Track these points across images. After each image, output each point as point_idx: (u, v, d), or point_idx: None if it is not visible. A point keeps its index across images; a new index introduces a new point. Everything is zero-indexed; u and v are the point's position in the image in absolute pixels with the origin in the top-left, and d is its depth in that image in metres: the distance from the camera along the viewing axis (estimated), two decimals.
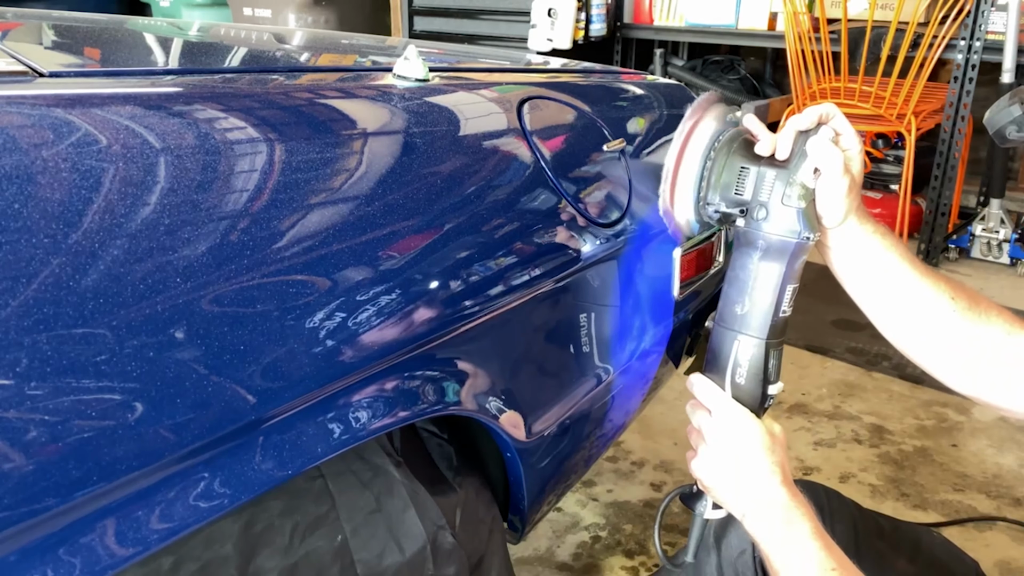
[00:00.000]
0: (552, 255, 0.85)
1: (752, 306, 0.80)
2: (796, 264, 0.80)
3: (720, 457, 0.80)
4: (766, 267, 0.79)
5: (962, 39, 2.97)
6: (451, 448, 0.88)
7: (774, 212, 0.78)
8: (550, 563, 1.55)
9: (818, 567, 0.71)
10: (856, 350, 2.46)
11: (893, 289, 0.82)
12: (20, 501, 0.44)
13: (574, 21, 3.60)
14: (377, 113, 0.78)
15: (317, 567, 0.70)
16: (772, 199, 0.78)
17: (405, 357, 0.69)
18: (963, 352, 0.80)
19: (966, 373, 0.81)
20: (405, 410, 0.69)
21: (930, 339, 0.82)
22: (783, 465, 0.78)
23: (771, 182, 0.78)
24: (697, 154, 0.85)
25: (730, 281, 0.82)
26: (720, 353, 0.82)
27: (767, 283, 0.79)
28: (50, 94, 0.58)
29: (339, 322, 0.61)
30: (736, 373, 0.81)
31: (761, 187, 0.79)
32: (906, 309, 0.82)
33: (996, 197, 3.16)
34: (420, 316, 0.69)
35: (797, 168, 0.77)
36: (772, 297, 0.79)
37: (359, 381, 0.65)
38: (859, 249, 0.82)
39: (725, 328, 0.82)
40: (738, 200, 0.81)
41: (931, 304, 0.81)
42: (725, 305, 0.82)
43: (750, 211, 0.80)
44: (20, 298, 0.45)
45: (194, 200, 0.55)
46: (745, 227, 0.80)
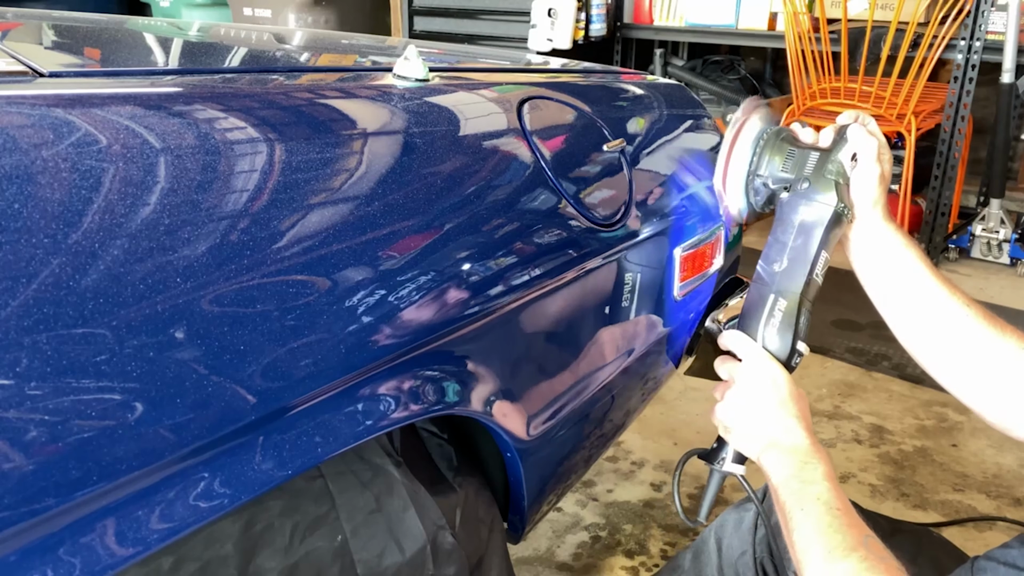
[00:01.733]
0: (552, 255, 0.85)
1: (789, 264, 0.88)
2: (831, 235, 0.87)
3: (747, 397, 0.84)
4: (804, 230, 0.87)
5: (962, 39, 2.97)
6: (451, 448, 0.88)
7: (815, 183, 0.87)
8: (550, 563, 1.55)
9: (825, 506, 0.73)
10: (856, 350, 2.45)
11: (909, 288, 0.87)
12: (20, 501, 0.44)
13: (574, 21, 3.60)
14: (377, 113, 0.78)
15: (317, 567, 0.70)
16: (815, 174, 0.88)
17: (405, 357, 0.69)
18: (972, 361, 0.83)
19: (973, 383, 0.83)
20: (405, 410, 0.69)
21: (941, 343, 0.85)
22: (806, 415, 0.81)
23: (814, 161, 0.89)
24: (748, 141, 0.96)
25: (770, 244, 0.90)
26: (756, 307, 0.89)
27: (804, 245, 0.87)
28: (50, 94, 0.58)
29: (338, 322, 0.61)
30: (769, 324, 0.87)
31: (805, 165, 0.89)
32: (920, 310, 0.86)
33: (996, 197, 3.16)
34: (420, 316, 0.69)
35: (838, 151, 0.88)
36: (808, 257, 0.87)
37: (359, 381, 0.65)
38: (881, 244, 0.88)
39: (762, 284, 0.89)
40: (784, 177, 0.91)
41: (945, 308, 0.84)
42: (765, 264, 0.90)
43: (794, 185, 0.89)
44: (20, 298, 0.45)
45: (194, 200, 0.55)
46: (789, 197, 0.89)
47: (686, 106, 1.28)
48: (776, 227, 0.90)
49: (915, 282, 0.86)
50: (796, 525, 0.73)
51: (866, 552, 0.69)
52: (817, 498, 0.73)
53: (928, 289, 0.86)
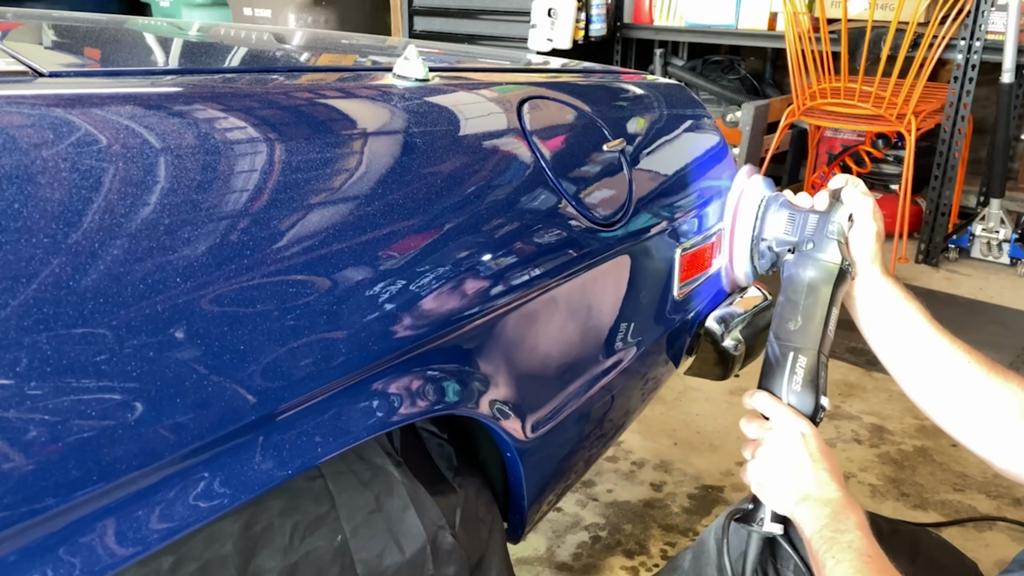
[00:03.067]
0: (552, 255, 0.85)
1: (804, 322, 0.92)
2: (839, 291, 0.92)
3: (778, 453, 0.85)
4: (814, 289, 0.92)
5: (962, 39, 2.97)
6: (451, 448, 0.88)
7: (819, 243, 0.93)
8: (550, 563, 1.55)
9: (857, 554, 0.74)
10: (856, 350, 2.45)
11: (910, 341, 0.91)
12: (20, 501, 0.44)
13: (574, 21, 3.60)
14: (377, 113, 0.78)
15: (317, 567, 0.70)
16: (817, 234, 0.94)
17: (405, 357, 0.69)
18: (977, 410, 0.85)
19: (979, 431, 0.86)
20: (405, 410, 0.69)
21: (945, 394, 0.89)
22: (837, 470, 0.83)
23: (815, 222, 0.95)
24: (751, 209, 1.04)
25: (782, 304, 0.94)
26: (777, 366, 0.92)
27: (816, 302, 0.92)
28: (50, 94, 0.58)
29: (338, 322, 0.61)
30: (792, 382, 0.90)
31: (807, 226, 0.96)
32: (923, 362, 0.90)
33: (996, 197, 3.16)
34: (419, 316, 0.69)
35: (835, 212, 0.94)
36: (822, 312, 0.91)
37: (359, 381, 0.65)
38: (881, 299, 0.93)
39: (781, 343, 0.93)
40: (788, 240, 0.98)
41: (946, 358, 0.88)
42: (780, 324, 0.93)
43: (798, 246, 0.95)
44: (20, 298, 0.45)
45: (194, 200, 0.55)
46: (796, 257, 0.95)
47: (686, 106, 1.28)
48: (786, 288, 0.95)
49: (916, 334, 0.90)
50: (828, 573, 0.74)
51: None
52: (849, 546, 0.74)
53: (928, 341, 0.90)
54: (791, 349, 0.91)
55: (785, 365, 0.91)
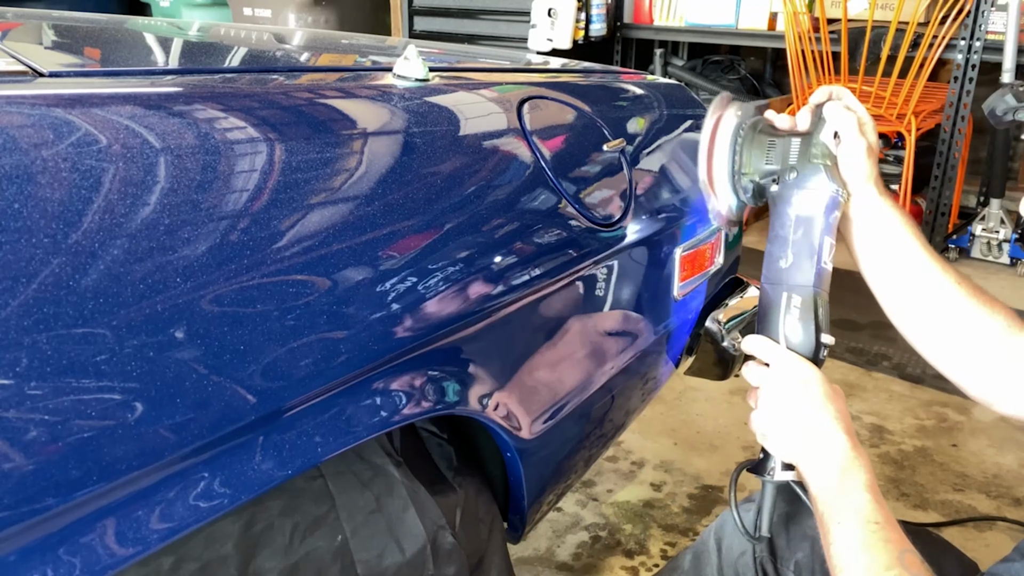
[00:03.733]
0: (552, 255, 0.85)
1: (795, 257, 0.85)
2: (830, 218, 0.85)
3: (781, 403, 0.81)
4: (803, 221, 0.85)
5: (962, 39, 2.97)
6: (451, 448, 0.88)
7: (803, 170, 0.86)
8: (550, 563, 1.55)
9: (863, 520, 0.72)
10: (856, 350, 2.45)
11: (904, 265, 0.87)
12: (20, 501, 0.44)
13: (574, 21, 3.60)
14: (377, 113, 0.78)
15: (317, 567, 0.70)
16: (800, 161, 0.87)
17: (406, 357, 0.69)
18: (962, 339, 0.84)
19: (963, 362, 0.85)
20: (405, 410, 0.69)
21: (932, 320, 0.86)
22: (844, 414, 0.79)
23: (796, 148, 0.87)
24: (726, 139, 0.95)
25: (771, 240, 0.88)
26: (771, 309, 0.86)
27: (806, 235, 0.85)
28: (50, 94, 0.58)
29: (338, 322, 0.61)
30: (788, 322, 0.85)
31: (788, 154, 0.88)
32: (914, 286, 0.86)
33: (996, 197, 3.16)
34: (420, 316, 0.69)
35: (818, 131, 0.87)
36: (813, 246, 0.85)
37: (359, 381, 0.65)
38: (876, 220, 0.88)
39: (772, 284, 0.87)
40: (769, 170, 0.90)
41: (937, 284, 0.85)
42: (769, 263, 0.87)
43: (781, 176, 0.88)
44: (20, 298, 0.45)
45: (194, 200, 0.55)
46: (780, 189, 0.88)
47: (686, 106, 1.28)
48: (773, 222, 0.88)
49: (909, 259, 0.87)
50: (833, 539, 0.72)
51: (902, 570, 0.68)
52: (856, 510, 0.72)
53: (922, 266, 0.86)
54: (784, 288, 0.85)
55: (779, 306, 0.85)
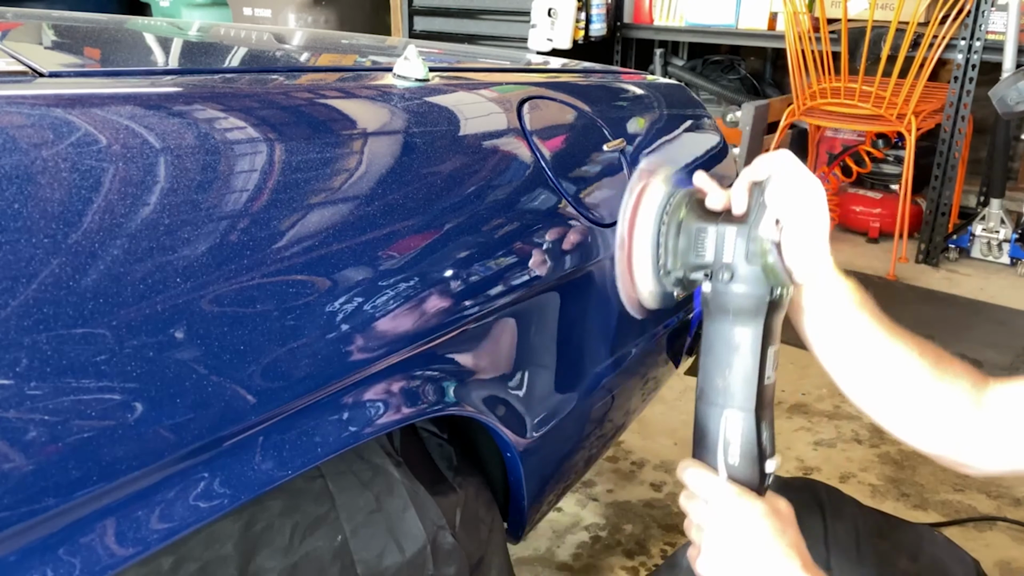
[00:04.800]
0: (552, 255, 0.85)
1: (734, 375, 0.74)
2: (773, 324, 0.75)
3: (727, 548, 0.72)
4: (741, 331, 0.74)
5: (962, 39, 2.97)
6: (451, 448, 0.88)
7: (740, 271, 0.74)
8: (550, 563, 1.55)
9: None
10: None
11: (862, 349, 0.78)
12: (20, 501, 0.44)
13: (574, 21, 3.60)
14: (377, 113, 0.78)
15: (317, 567, 0.70)
16: (736, 258, 0.74)
17: (405, 357, 0.69)
18: (929, 412, 0.77)
19: (932, 432, 0.78)
20: (405, 410, 0.69)
21: (897, 399, 0.79)
22: (799, 547, 0.71)
23: (732, 240, 0.75)
24: (649, 221, 0.83)
25: (706, 351, 0.77)
26: (707, 433, 0.76)
27: (746, 348, 0.74)
28: (50, 94, 0.58)
29: (338, 322, 0.61)
30: (728, 453, 0.74)
31: (723, 247, 0.75)
32: (875, 369, 0.78)
33: (996, 197, 3.16)
34: (420, 316, 0.69)
35: (757, 222, 0.74)
36: (754, 362, 0.74)
37: (359, 381, 0.65)
38: (829, 306, 0.78)
39: (709, 404, 0.76)
40: (700, 264, 0.78)
41: (900, 363, 0.77)
42: (705, 379, 0.76)
43: (715, 274, 0.76)
44: (20, 298, 0.45)
45: (194, 200, 0.55)
46: (712, 291, 0.76)
47: (686, 106, 1.28)
48: (707, 329, 0.77)
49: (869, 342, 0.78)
50: None
51: None
52: None
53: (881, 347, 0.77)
54: (722, 410, 0.74)
55: (718, 431, 0.75)
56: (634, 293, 0.89)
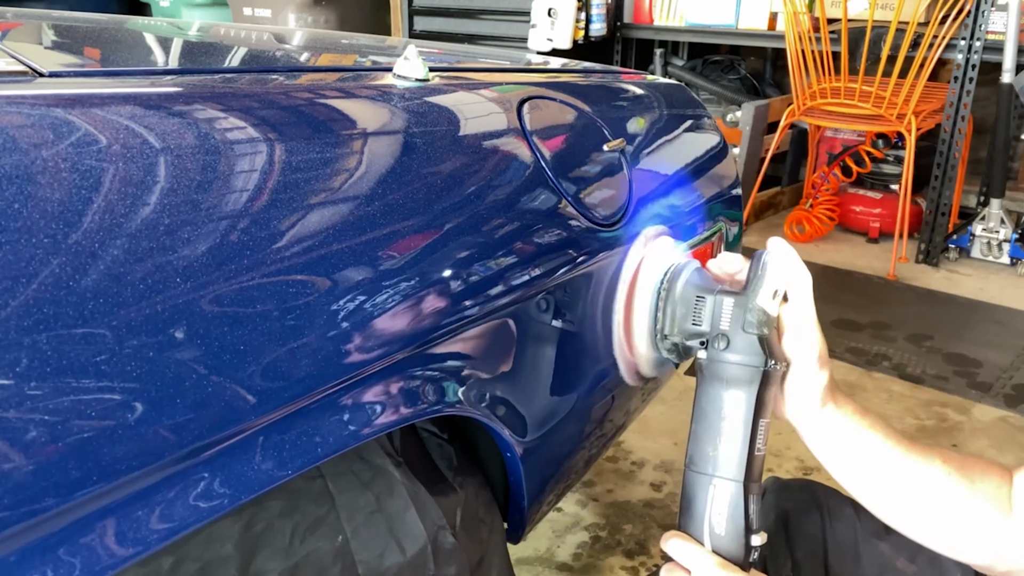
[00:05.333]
0: (552, 255, 0.85)
1: (724, 444, 0.74)
2: (766, 396, 0.75)
3: None
4: (734, 399, 0.74)
5: (962, 39, 2.97)
6: (451, 448, 0.88)
7: (736, 340, 0.75)
8: (550, 563, 1.55)
9: None
10: (856, 350, 2.45)
11: (884, 471, 0.77)
12: (20, 501, 0.44)
13: (574, 21, 3.60)
14: (377, 113, 0.78)
15: (318, 567, 0.70)
16: (732, 327, 0.75)
17: (405, 357, 0.69)
18: (963, 520, 0.77)
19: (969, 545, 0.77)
20: (405, 410, 0.69)
21: (932, 514, 0.78)
22: None
23: (729, 309, 0.76)
24: (648, 291, 0.85)
25: (698, 419, 0.77)
26: (695, 501, 0.75)
27: (738, 417, 0.74)
28: (50, 94, 0.58)
29: (338, 322, 0.61)
30: (714, 523, 0.74)
31: (720, 316, 0.77)
32: (902, 490, 0.78)
33: (996, 197, 3.16)
34: (420, 316, 0.69)
35: (756, 292, 0.75)
36: (745, 432, 0.74)
37: (359, 381, 0.65)
38: (842, 435, 0.77)
39: (698, 472, 0.75)
40: (697, 332, 0.79)
41: (925, 478, 0.76)
42: (695, 446, 0.76)
43: (711, 342, 0.77)
44: (20, 298, 0.45)
45: (194, 200, 0.55)
46: (708, 359, 0.77)
47: (686, 106, 1.28)
48: (699, 397, 0.77)
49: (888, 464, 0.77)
50: None
51: None
52: None
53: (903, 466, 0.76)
54: (711, 479, 0.74)
55: (705, 501, 0.74)
56: (632, 359, 0.90)
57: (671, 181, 1.11)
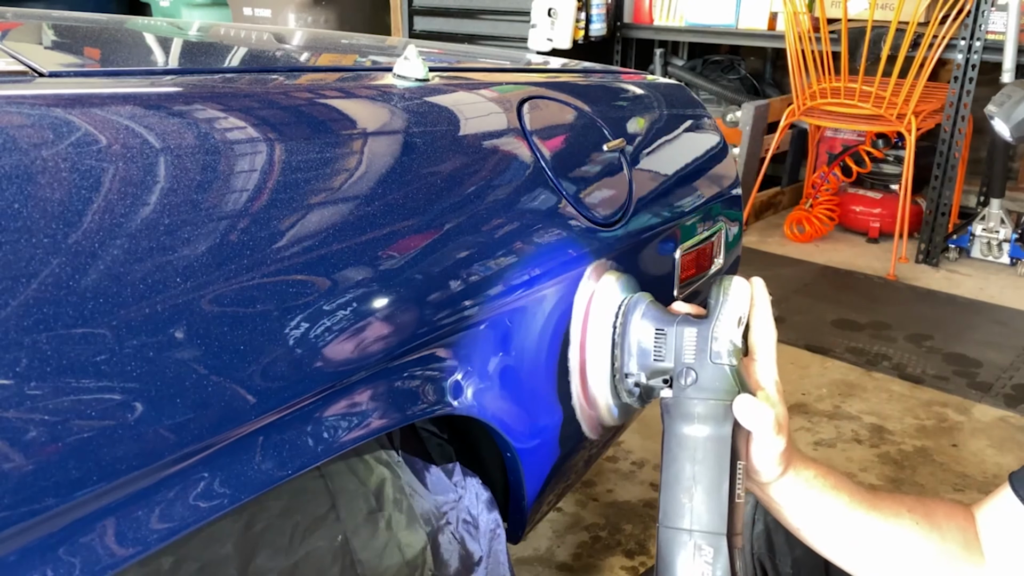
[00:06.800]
0: (552, 255, 0.85)
1: (701, 492, 0.66)
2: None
3: None
4: (708, 440, 0.67)
5: (962, 39, 2.97)
6: (451, 448, 0.88)
7: (703, 373, 0.68)
8: (550, 563, 1.55)
9: None
10: (856, 350, 2.45)
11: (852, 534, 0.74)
12: (20, 501, 0.44)
13: (574, 21, 3.61)
14: (377, 113, 0.78)
15: (317, 567, 0.70)
16: (698, 359, 0.68)
17: (405, 357, 0.69)
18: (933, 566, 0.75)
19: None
20: (405, 410, 0.69)
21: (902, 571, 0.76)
22: None
23: (693, 340, 0.69)
24: (604, 327, 0.76)
25: (668, 465, 0.69)
26: (672, 563, 0.66)
27: (713, 460, 0.66)
28: (50, 94, 0.58)
29: (339, 322, 0.61)
30: None
31: (683, 348, 0.70)
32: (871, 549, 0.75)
33: (996, 197, 3.16)
34: (420, 316, 0.69)
35: (719, 319, 0.69)
36: (723, 476, 0.66)
37: (360, 381, 0.65)
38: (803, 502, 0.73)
39: (673, 528, 0.67)
40: (660, 368, 0.72)
41: (895, 536, 0.74)
42: (668, 500, 0.68)
43: (676, 379, 0.70)
44: (20, 298, 0.45)
45: (194, 200, 0.55)
46: (674, 397, 0.69)
47: (686, 106, 1.28)
48: (668, 442, 0.70)
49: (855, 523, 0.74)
50: None
51: None
52: None
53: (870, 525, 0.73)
54: (688, 536, 0.66)
55: (687, 559, 0.65)
56: (591, 409, 0.82)
57: (671, 181, 1.11)
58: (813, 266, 3.15)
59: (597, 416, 0.81)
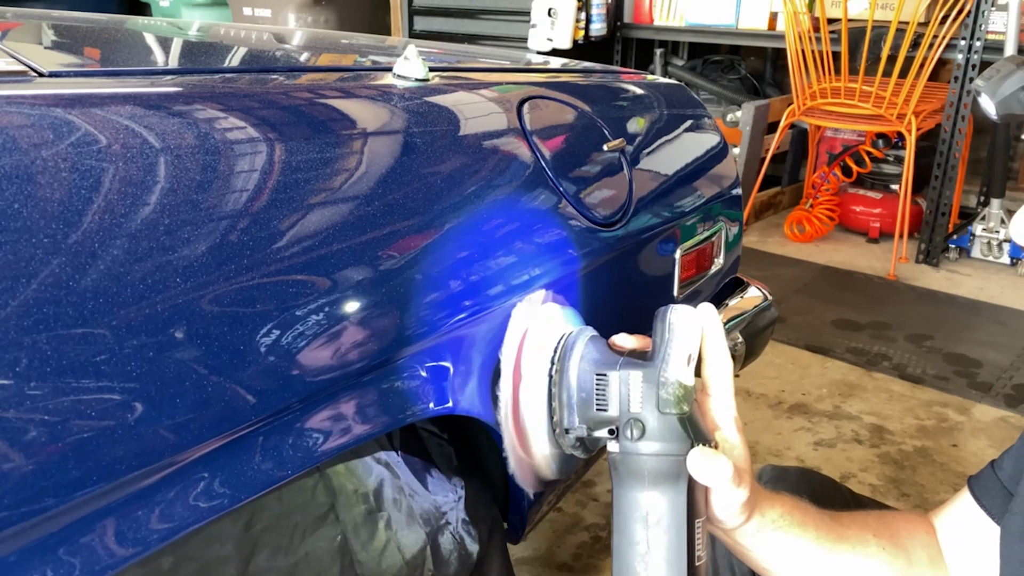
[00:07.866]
0: (552, 255, 0.85)
1: (656, 560, 0.59)
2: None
3: None
4: (660, 501, 0.59)
5: (962, 39, 2.97)
6: (451, 448, 0.88)
7: (651, 425, 0.60)
8: (550, 563, 1.55)
9: None
10: (856, 350, 2.45)
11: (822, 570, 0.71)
12: (20, 501, 0.44)
13: (574, 21, 3.61)
14: (377, 113, 0.78)
15: (317, 567, 0.70)
16: (645, 408, 0.60)
17: (405, 357, 0.69)
18: None
19: None
20: (406, 410, 0.69)
21: None
22: None
23: (639, 386, 0.60)
24: (539, 369, 0.67)
25: (619, 529, 0.61)
26: None
27: (667, 522, 0.59)
28: (50, 94, 0.58)
29: (339, 321, 0.61)
30: None
31: (628, 396, 0.61)
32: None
33: (996, 197, 3.16)
34: (420, 316, 0.69)
35: (666, 360, 0.60)
36: (679, 541, 0.59)
37: (360, 381, 0.65)
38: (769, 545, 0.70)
39: None
40: (603, 418, 0.63)
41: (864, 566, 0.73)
42: (622, 567, 0.61)
43: (621, 431, 0.61)
44: (20, 298, 0.45)
45: (194, 200, 0.55)
46: (621, 452, 0.61)
47: (686, 106, 1.28)
48: (619, 503, 0.62)
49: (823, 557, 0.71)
50: None
51: None
52: None
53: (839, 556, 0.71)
54: None
55: None
56: (528, 460, 0.72)
57: (671, 181, 1.11)
58: (813, 266, 3.15)
59: (536, 471, 0.73)
